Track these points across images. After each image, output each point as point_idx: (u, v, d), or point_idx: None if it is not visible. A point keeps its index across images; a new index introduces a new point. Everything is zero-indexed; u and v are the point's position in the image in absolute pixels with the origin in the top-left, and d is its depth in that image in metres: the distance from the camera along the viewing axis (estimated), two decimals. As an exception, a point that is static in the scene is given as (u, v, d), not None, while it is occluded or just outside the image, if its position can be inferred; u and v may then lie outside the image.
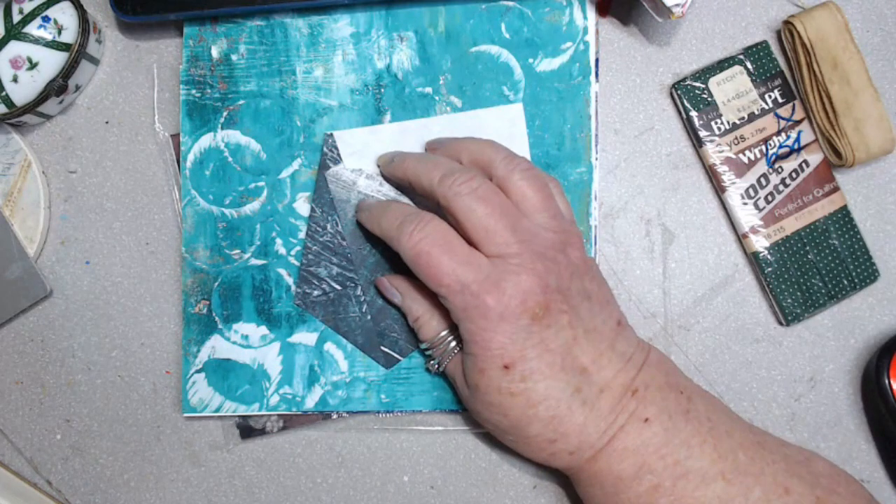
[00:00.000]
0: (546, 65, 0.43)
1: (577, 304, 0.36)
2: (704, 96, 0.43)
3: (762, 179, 0.43)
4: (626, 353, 0.37)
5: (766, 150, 0.43)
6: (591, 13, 0.43)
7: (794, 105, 0.43)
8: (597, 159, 0.43)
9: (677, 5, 0.40)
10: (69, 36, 0.43)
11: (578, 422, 0.36)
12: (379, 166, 0.42)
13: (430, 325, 0.39)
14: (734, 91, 0.43)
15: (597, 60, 0.43)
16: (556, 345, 0.35)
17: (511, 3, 0.43)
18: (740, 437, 0.37)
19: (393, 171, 0.40)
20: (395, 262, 0.43)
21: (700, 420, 0.37)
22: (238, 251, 0.44)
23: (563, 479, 0.44)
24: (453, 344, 0.39)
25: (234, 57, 0.44)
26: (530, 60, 0.43)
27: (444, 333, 0.39)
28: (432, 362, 0.40)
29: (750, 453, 0.36)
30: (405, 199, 0.42)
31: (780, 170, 0.43)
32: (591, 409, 0.36)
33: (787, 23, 0.43)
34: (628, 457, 0.36)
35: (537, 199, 0.37)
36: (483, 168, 0.38)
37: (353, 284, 0.43)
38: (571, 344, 0.36)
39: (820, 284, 0.43)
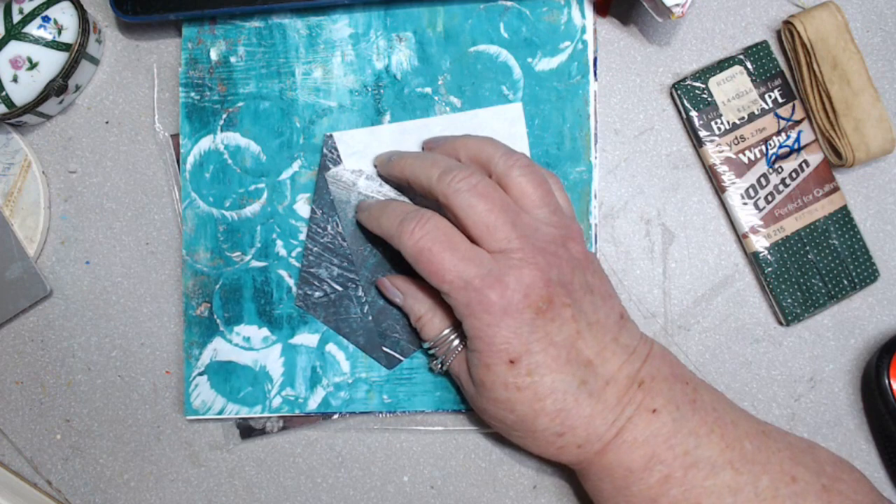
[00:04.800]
0: (545, 64, 0.43)
1: (579, 297, 0.36)
2: (704, 96, 0.43)
3: (762, 179, 0.43)
4: (629, 346, 0.37)
5: (766, 150, 0.43)
6: (589, 12, 0.43)
7: (794, 105, 0.43)
8: (596, 158, 0.43)
9: (677, 5, 0.40)
10: (69, 36, 0.43)
11: (586, 414, 0.36)
12: (376, 166, 0.42)
13: (433, 324, 0.39)
14: (734, 91, 0.43)
15: (595, 59, 0.43)
16: (561, 338, 0.35)
17: (509, 3, 0.43)
18: (746, 427, 0.37)
19: (391, 171, 0.40)
20: (396, 263, 0.43)
21: (706, 410, 0.37)
22: (239, 253, 0.44)
23: (562, 478, 0.44)
24: (456, 342, 0.39)
25: (232, 59, 0.44)
26: (529, 60, 0.43)
27: (446, 332, 0.39)
28: (436, 362, 0.40)
29: (756, 442, 0.36)
30: (405, 200, 0.42)
31: (780, 170, 0.43)
32: (598, 402, 0.36)
33: (787, 23, 0.43)
34: (638, 448, 0.36)
35: (537, 194, 0.37)
36: (482, 165, 0.38)
37: (353, 285, 0.43)
38: (575, 337, 0.36)
39: (820, 284, 0.43)
